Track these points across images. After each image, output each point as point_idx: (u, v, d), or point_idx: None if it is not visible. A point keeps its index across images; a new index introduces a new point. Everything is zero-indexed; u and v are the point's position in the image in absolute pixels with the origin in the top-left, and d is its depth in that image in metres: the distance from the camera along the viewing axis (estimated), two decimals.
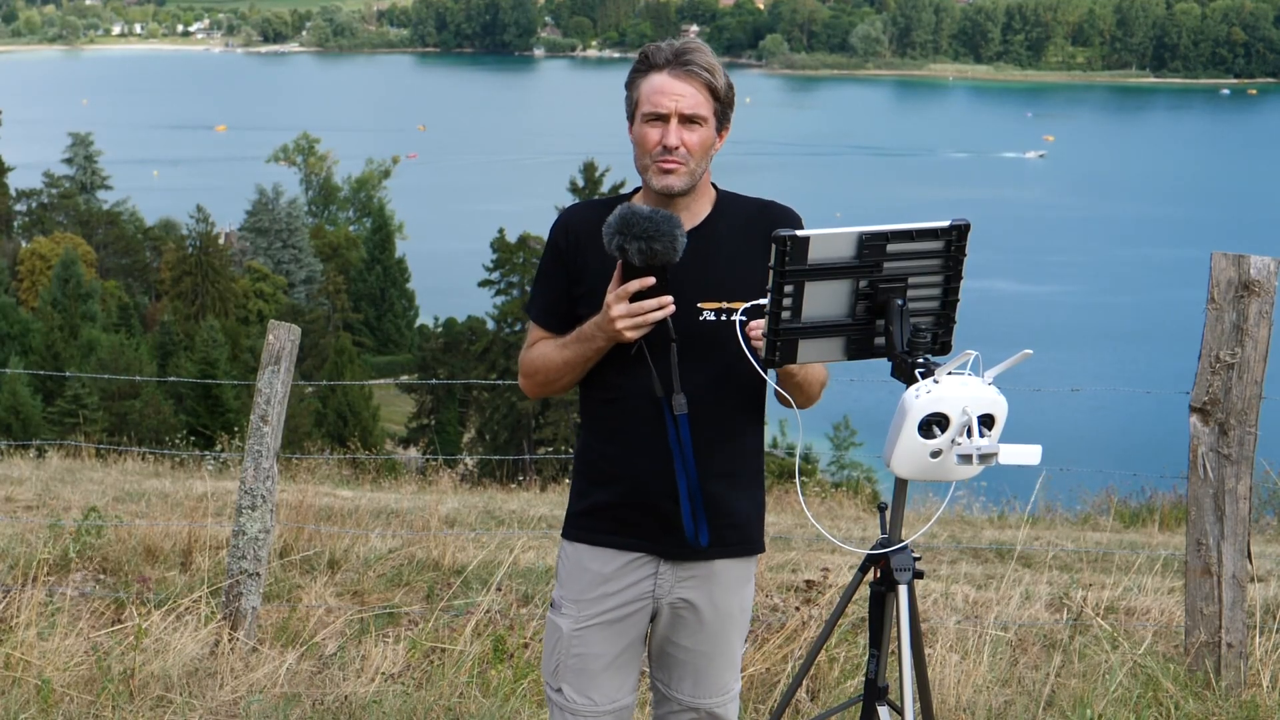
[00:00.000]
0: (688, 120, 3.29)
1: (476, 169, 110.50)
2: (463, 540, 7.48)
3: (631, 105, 3.36)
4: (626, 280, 3.20)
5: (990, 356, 3.02)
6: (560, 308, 3.43)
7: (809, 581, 5.94)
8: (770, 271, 2.99)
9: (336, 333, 56.79)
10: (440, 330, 52.49)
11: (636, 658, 3.49)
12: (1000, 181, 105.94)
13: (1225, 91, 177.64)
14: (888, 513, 3.32)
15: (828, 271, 3.00)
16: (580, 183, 51.44)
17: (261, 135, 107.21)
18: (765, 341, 3.06)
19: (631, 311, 3.21)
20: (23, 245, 64.91)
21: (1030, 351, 2.97)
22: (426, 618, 5.85)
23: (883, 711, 3.37)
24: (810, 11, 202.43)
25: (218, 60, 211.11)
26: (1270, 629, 5.53)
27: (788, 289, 2.99)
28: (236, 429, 17.32)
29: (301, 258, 70.96)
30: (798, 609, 5.55)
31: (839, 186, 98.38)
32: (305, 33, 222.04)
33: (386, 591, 6.45)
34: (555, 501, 10.66)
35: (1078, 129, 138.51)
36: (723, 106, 3.34)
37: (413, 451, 37.90)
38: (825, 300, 3.03)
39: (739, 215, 3.40)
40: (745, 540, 3.46)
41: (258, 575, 5.64)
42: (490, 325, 49.66)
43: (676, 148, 3.28)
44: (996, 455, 2.95)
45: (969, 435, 2.98)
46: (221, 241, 65.55)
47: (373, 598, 6.35)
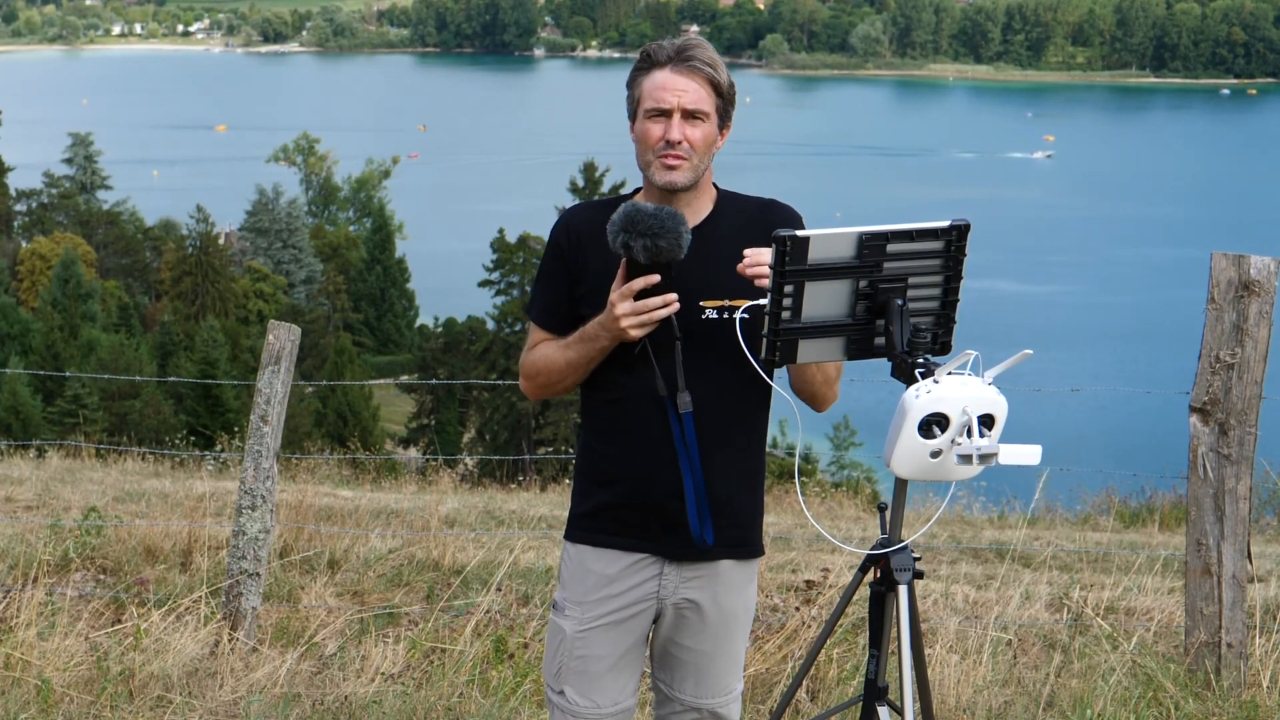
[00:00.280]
0: (690, 115, 3.29)
1: (476, 169, 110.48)
2: (463, 540, 7.48)
3: (634, 103, 3.35)
4: (631, 278, 3.19)
5: (990, 356, 3.02)
6: (562, 309, 3.42)
7: (809, 581, 5.94)
8: (770, 271, 2.99)
9: (336, 333, 56.79)
10: (440, 330, 52.50)
11: (639, 659, 3.48)
12: (1003, 182, 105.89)
13: (1225, 91, 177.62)
14: (888, 513, 3.31)
15: (828, 271, 3.00)
16: (580, 183, 51.42)
17: (261, 135, 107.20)
18: (765, 341, 3.06)
19: (636, 309, 3.20)
20: (23, 245, 64.92)
21: (1030, 351, 2.97)
22: (426, 618, 5.85)
23: (883, 711, 3.36)
24: (810, 11, 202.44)
25: (218, 60, 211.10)
26: (1270, 629, 5.53)
27: (788, 289, 2.98)
28: (236, 429, 17.31)
29: (301, 258, 70.96)
30: (798, 609, 5.55)
31: (839, 186, 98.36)
32: (305, 33, 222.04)
33: (386, 591, 6.44)
34: (555, 502, 10.66)
35: (1078, 129, 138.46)
36: (725, 103, 3.34)
37: (413, 451, 37.89)
38: (825, 300, 3.03)
39: (740, 214, 3.39)
40: (749, 541, 3.45)
41: (258, 575, 5.64)
42: (490, 325, 49.67)
43: (680, 142, 3.27)
44: (996, 455, 2.95)
45: (969, 435, 2.98)
46: (221, 241, 65.55)
47: (373, 598, 6.35)
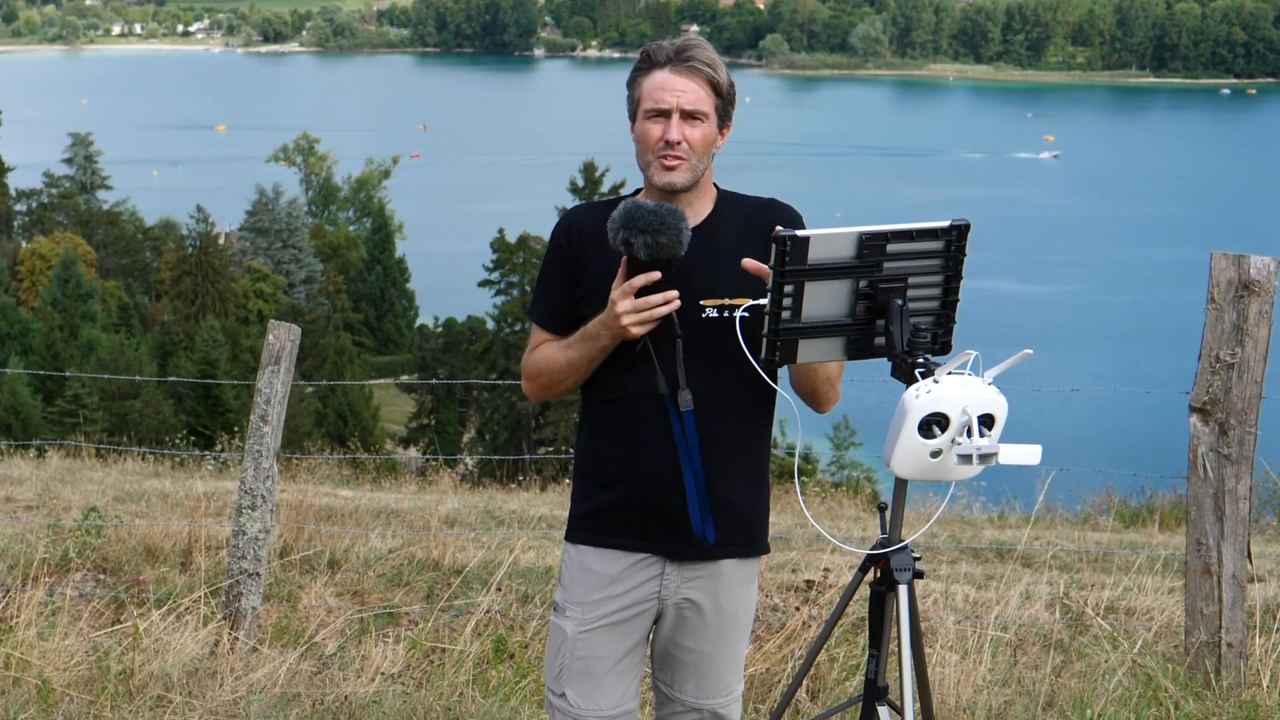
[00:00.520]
0: (689, 116, 3.29)
1: (476, 169, 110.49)
2: (463, 540, 7.48)
3: (633, 103, 3.35)
4: (632, 275, 3.19)
5: (990, 356, 3.02)
6: (563, 309, 3.41)
7: (809, 581, 5.93)
8: (770, 271, 2.98)
9: (336, 333, 56.80)
10: (440, 330, 52.52)
11: (640, 660, 3.47)
12: (1004, 182, 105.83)
13: (1225, 91, 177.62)
14: (888, 513, 3.31)
15: (828, 271, 3.00)
16: (580, 183, 51.38)
17: (261, 135, 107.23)
18: (765, 341, 3.06)
19: (637, 307, 3.19)
20: (23, 245, 64.93)
21: (1030, 351, 2.96)
22: (426, 618, 5.85)
23: (883, 711, 3.36)
24: (810, 11, 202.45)
25: (218, 60, 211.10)
26: (1270, 629, 5.53)
27: (788, 289, 2.98)
28: (236, 429, 17.32)
29: (301, 258, 70.97)
30: (798, 609, 5.54)
31: (839, 186, 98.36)
32: (305, 33, 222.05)
33: (386, 591, 6.44)
34: (555, 501, 10.66)
35: (1078, 129, 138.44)
36: (724, 103, 3.34)
37: (413, 451, 37.90)
38: (825, 300, 3.03)
39: (741, 213, 3.39)
40: (750, 540, 3.44)
41: (258, 575, 5.64)
42: (490, 325, 49.67)
43: (679, 142, 3.27)
44: (996, 455, 2.95)
45: (969, 435, 2.98)
46: (221, 241, 65.57)
47: (373, 598, 6.35)
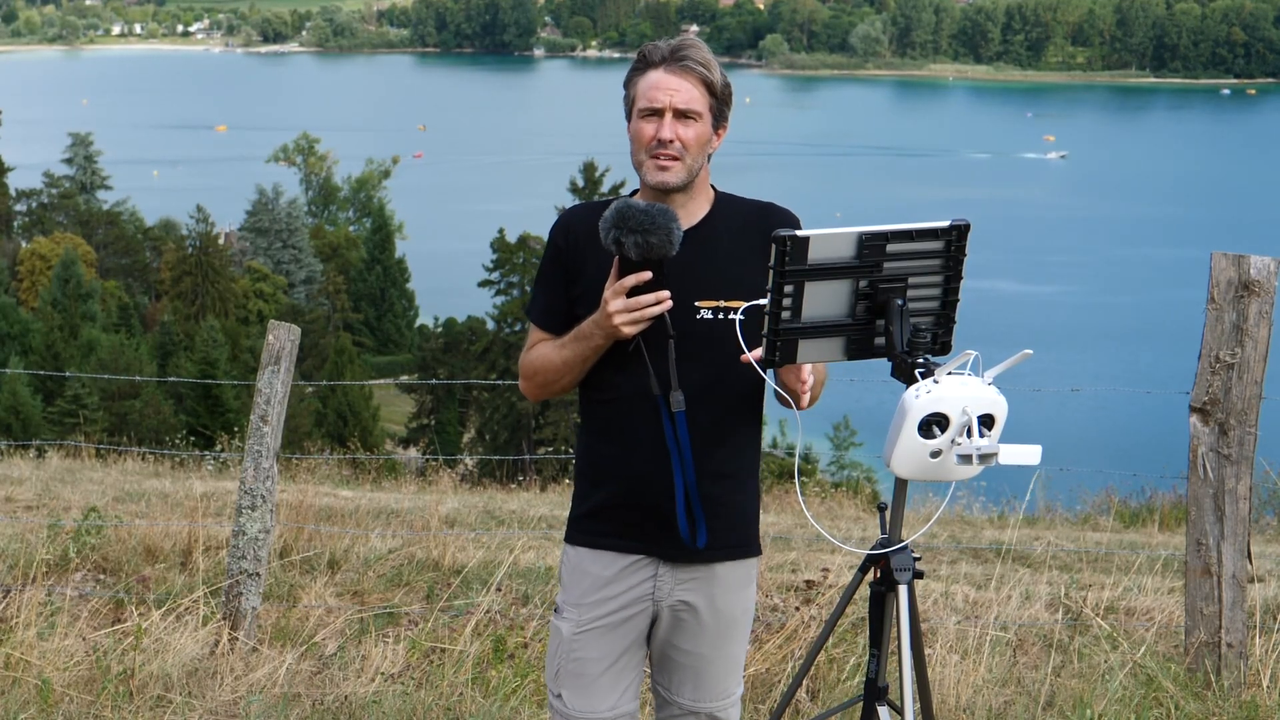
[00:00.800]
0: (683, 115, 3.29)
1: (476, 169, 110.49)
2: (463, 540, 7.48)
3: (629, 103, 3.36)
4: (624, 275, 3.20)
5: (990, 356, 3.02)
6: (560, 309, 3.42)
7: (809, 581, 5.93)
8: (770, 271, 2.98)
9: (336, 333, 56.79)
10: (440, 330, 52.50)
11: (636, 662, 3.47)
12: (1005, 182, 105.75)
13: (1225, 91, 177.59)
14: (888, 513, 3.31)
15: (828, 271, 3.00)
16: (580, 183, 51.38)
17: (261, 135, 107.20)
18: (765, 341, 3.06)
19: (629, 307, 3.20)
20: (23, 245, 64.93)
21: (1030, 351, 2.96)
22: (426, 618, 5.85)
23: (883, 711, 3.36)
24: (810, 11, 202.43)
25: (218, 60, 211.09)
26: (1270, 629, 5.53)
27: (788, 289, 2.98)
28: (236, 429, 17.31)
29: (301, 258, 70.97)
30: (798, 609, 5.54)
31: (839, 186, 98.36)
32: (305, 33, 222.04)
33: (386, 591, 6.44)
34: (555, 502, 10.66)
35: (1078, 129, 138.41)
36: (719, 103, 3.34)
37: (413, 451, 37.89)
38: (825, 300, 3.03)
39: (738, 216, 3.39)
40: (745, 542, 3.44)
41: (258, 575, 5.64)
42: (490, 325, 49.66)
43: (671, 141, 3.27)
44: (996, 455, 2.95)
45: (969, 435, 2.98)
46: (221, 241, 65.56)
47: (373, 598, 6.35)
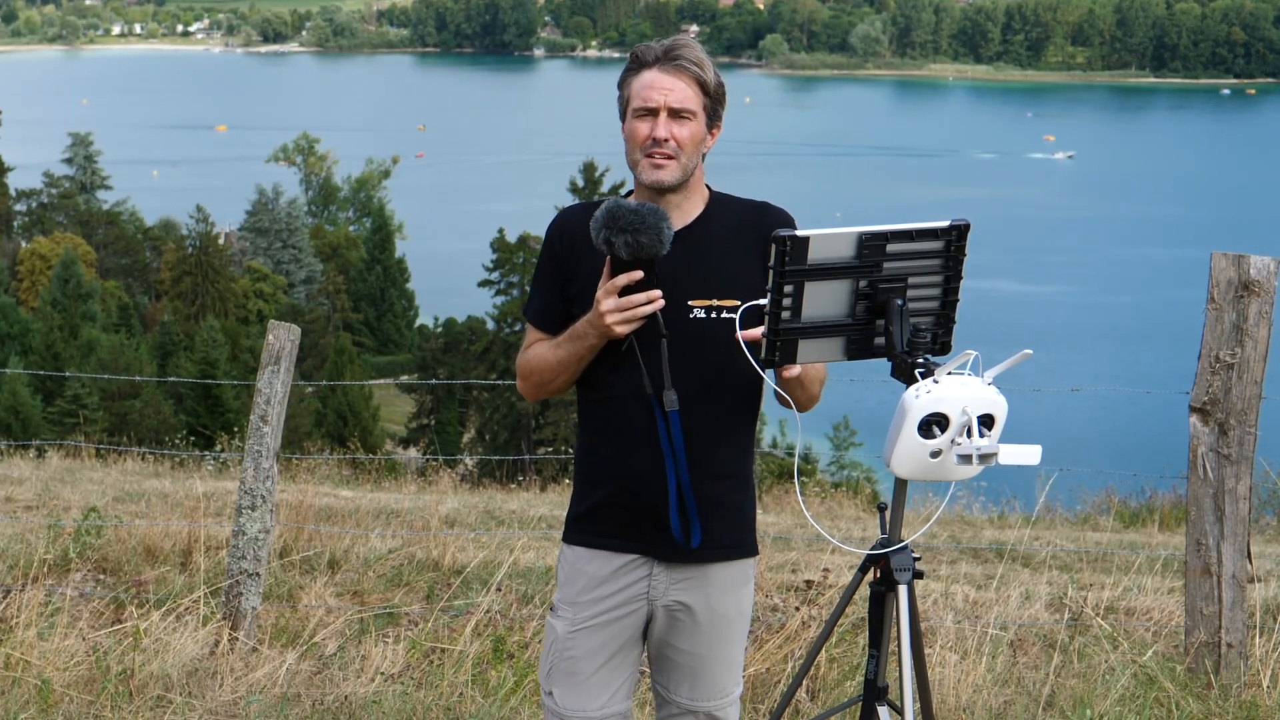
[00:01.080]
0: (677, 114, 3.29)
1: (476, 169, 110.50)
2: (463, 540, 7.48)
3: (623, 103, 3.37)
4: (615, 275, 3.20)
5: (990, 356, 3.02)
6: (555, 309, 3.43)
7: (809, 581, 5.93)
8: (770, 271, 2.98)
9: (336, 333, 56.80)
10: (440, 330, 52.49)
11: (630, 662, 3.46)
12: (1008, 182, 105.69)
13: (1225, 91, 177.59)
14: (888, 513, 3.31)
15: (828, 271, 3.00)
16: (580, 183, 51.38)
17: (261, 135, 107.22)
18: (765, 341, 3.06)
19: (620, 306, 3.20)
20: (23, 245, 64.93)
21: (1030, 351, 2.96)
22: (426, 618, 5.85)
23: (883, 711, 3.36)
24: (810, 11, 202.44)
25: (218, 60, 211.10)
26: (1270, 629, 5.53)
27: (787, 289, 2.98)
28: (236, 429, 17.31)
29: (301, 258, 70.97)
30: (798, 609, 5.54)
31: (839, 186, 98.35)
32: (305, 33, 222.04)
33: (386, 591, 6.45)
34: (555, 502, 10.66)
35: (1078, 129, 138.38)
36: (713, 102, 3.34)
37: (413, 451, 37.89)
38: (825, 300, 3.03)
39: (732, 215, 3.40)
40: (740, 542, 3.43)
41: (258, 575, 5.64)
42: (490, 325, 49.65)
43: (666, 140, 3.27)
44: (996, 455, 2.95)
45: (969, 435, 2.98)
46: (221, 241, 65.58)
47: (373, 598, 6.35)
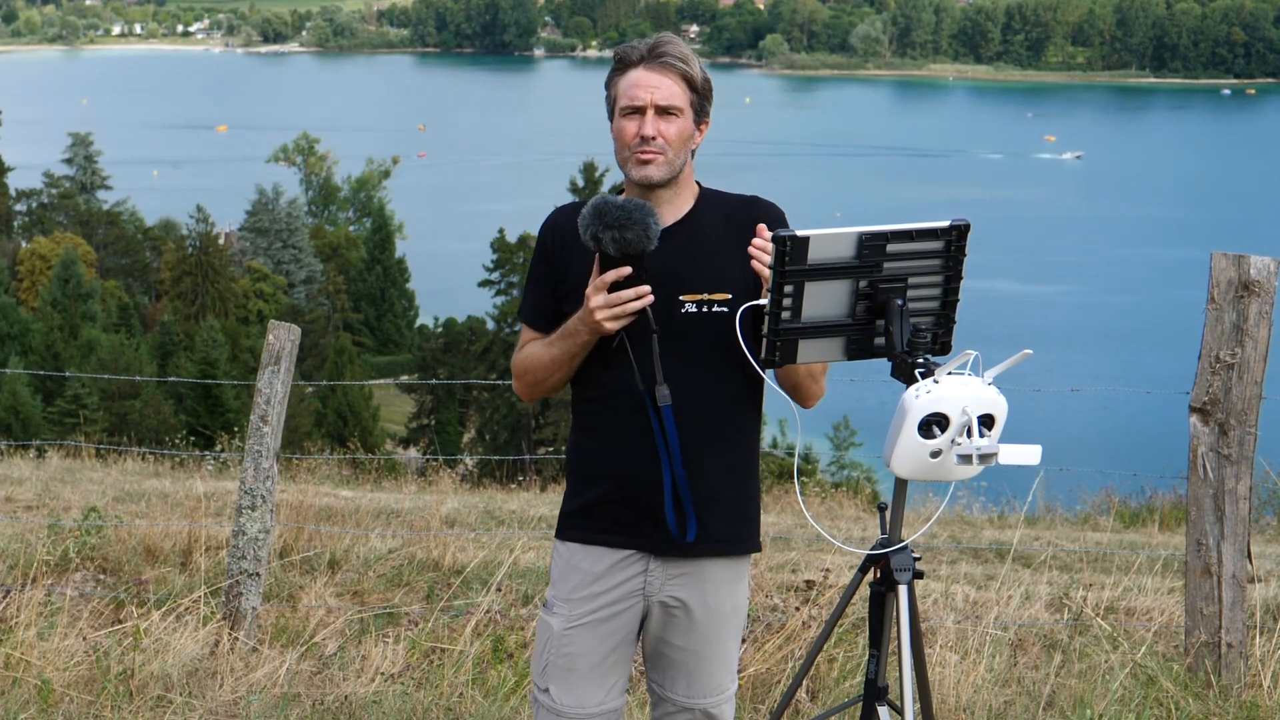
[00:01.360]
0: (664, 111, 3.31)
1: (476, 169, 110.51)
2: (463, 540, 7.48)
3: (610, 103, 3.39)
4: (604, 271, 3.21)
5: (990, 356, 3.02)
6: (548, 308, 3.44)
7: (809, 581, 5.93)
8: (770, 271, 2.98)
9: (336, 333, 56.80)
10: (440, 330, 52.52)
11: (625, 659, 3.47)
12: (1008, 182, 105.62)
13: (1225, 91, 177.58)
14: (888, 513, 3.31)
15: (828, 271, 3.00)
16: (580, 183, 51.45)
17: (261, 135, 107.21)
18: (765, 341, 3.06)
19: (609, 302, 3.21)
20: (23, 245, 64.93)
21: (1030, 351, 2.97)
22: (426, 618, 5.85)
23: (883, 711, 3.36)
24: (810, 11, 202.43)
25: (218, 60, 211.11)
26: (1270, 629, 5.53)
27: (788, 289, 2.98)
28: (236, 429, 17.31)
29: (301, 258, 70.97)
30: (798, 609, 5.54)
31: (839, 186, 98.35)
32: (305, 33, 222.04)
33: (386, 591, 6.45)
34: (555, 501, 10.66)
35: (1078, 129, 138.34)
36: (699, 98, 3.36)
37: (413, 451, 37.90)
38: (825, 300, 3.03)
39: (721, 209, 3.41)
40: (737, 538, 3.43)
41: (258, 575, 5.64)
42: (490, 325, 49.71)
43: (654, 137, 3.29)
44: (996, 455, 2.95)
45: (969, 435, 2.98)
46: (221, 241, 65.58)
47: (373, 598, 6.35)
